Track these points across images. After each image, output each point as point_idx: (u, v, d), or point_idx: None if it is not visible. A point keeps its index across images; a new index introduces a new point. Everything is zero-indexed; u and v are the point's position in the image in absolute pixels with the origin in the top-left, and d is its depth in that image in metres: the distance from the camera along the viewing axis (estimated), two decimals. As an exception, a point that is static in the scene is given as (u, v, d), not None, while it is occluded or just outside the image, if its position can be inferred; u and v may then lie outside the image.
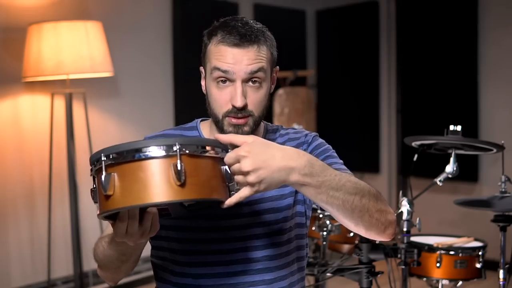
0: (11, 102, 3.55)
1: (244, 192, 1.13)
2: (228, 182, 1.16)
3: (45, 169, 3.59)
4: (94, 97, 3.83)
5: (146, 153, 1.08)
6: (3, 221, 3.52)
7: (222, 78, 1.34)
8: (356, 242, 2.25)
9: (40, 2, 3.62)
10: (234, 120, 1.36)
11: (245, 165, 1.11)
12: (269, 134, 1.51)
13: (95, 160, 1.12)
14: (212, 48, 1.36)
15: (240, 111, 1.34)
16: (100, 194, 1.12)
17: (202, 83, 1.44)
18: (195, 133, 1.50)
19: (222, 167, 1.15)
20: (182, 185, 1.08)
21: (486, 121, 4.53)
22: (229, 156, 1.13)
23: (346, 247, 2.86)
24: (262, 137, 1.48)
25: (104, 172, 1.09)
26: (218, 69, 1.34)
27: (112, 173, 1.09)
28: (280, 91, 4.68)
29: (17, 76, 3.39)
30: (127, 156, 1.09)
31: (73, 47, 3.20)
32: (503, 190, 2.39)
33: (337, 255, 3.03)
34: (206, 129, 1.50)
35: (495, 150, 2.45)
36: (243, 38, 1.33)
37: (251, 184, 1.12)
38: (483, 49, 4.52)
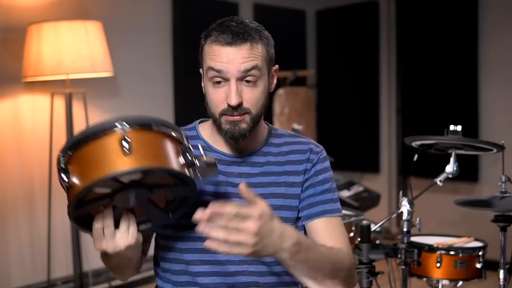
0: (11, 102, 3.55)
1: (238, 250, 1.16)
2: (183, 156, 1.22)
3: (45, 169, 3.59)
4: (94, 97, 3.83)
5: (96, 136, 1.15)
6: (3, 221, 3.52)
7: (218, 79, 1.35)
8: (356, 242, 2.25)
9: (40, 2, 3.62)
10: (230, 118, 1.37)
11: (249, 238, 1.14)
12: (273, 138, 1.51)
13: (57, 161, 1.20)
14: (207, 48, 1.38)
15: (236, 109, 1.35)
16: (67, 193, 1.20)
17: (202, 84, 1.44)
18: (194, 133, 1.50)
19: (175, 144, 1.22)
20: (129, 155, 1.13)
21: (486, 121, 4.53)
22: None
23: (346, 247, 2.85)
24: (264, 140, 1.49)
25: (62, 170, 1.18)
26: (212, 68, 1.35)
27: (69, 166, 1.17)
28: (280, 91, 4.68)
29: (17, 76, 3.39)
30: (78, 145, 1.16)
31: (73, 47, 3.19)
32: (503, 190, 2.40)
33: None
34: (205, 130, 1.50)
35: (495, 150, 2.45)
36: (236, 36, 1.33)
37: (248, 245, 1.15)
38: (483, 49, 4.52)
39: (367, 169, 5.33)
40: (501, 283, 2.39)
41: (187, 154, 1.22)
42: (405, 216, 2.29)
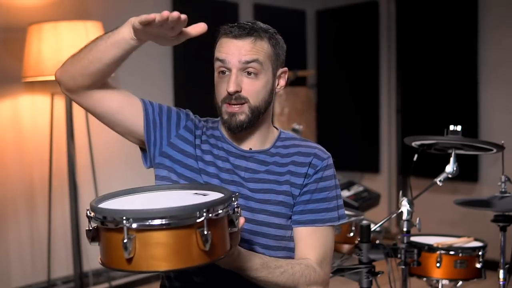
0: (11, 102, 3.55)
1: None
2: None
3: (45, 169, 3.59)
4: (94, 97, 3.83)
5: (169, 222, 1.05)
6: (3, 221, 3.52)
7: (222, 68, 1.43)
8: (356, 242, 2.25)
9: (40, 2, 3.62)
10: (229, 108, 1.43)
11: None
12: (282, 141, 1.55)
13: (112, 218, 1.07)
14: (218, 42, 1.47)
15: (233, 96, 1.42)
16: (114, 252, 1.08)
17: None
18: (216, 125, 1.57)
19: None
20: (207, 250, 1.07)
21: (486, 121, 4.53)
22: None
23: (346, 247, 2.85)
24: (273, 143, 1.53)
25: (126, 235, 1.04)
26: (218, 59, 1.44)
27: (133, 235, 1.05)
28: (280, 91, 4.68)
29: (17, 76, 3.39)
30: (150, 224, 1.05)
31: (73, 47, 3.16)
32: (503, 190, 2.39)
33: (337, 255, 3.02)
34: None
35: (495, 150, 2.45)
36: (242, 31, 1.42)
37: None
38: (483, 49, 4.52)
39: (367, 169, 5.32)
40: (501, 283, 2.39)
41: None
42: (405, 216, 2.29)
